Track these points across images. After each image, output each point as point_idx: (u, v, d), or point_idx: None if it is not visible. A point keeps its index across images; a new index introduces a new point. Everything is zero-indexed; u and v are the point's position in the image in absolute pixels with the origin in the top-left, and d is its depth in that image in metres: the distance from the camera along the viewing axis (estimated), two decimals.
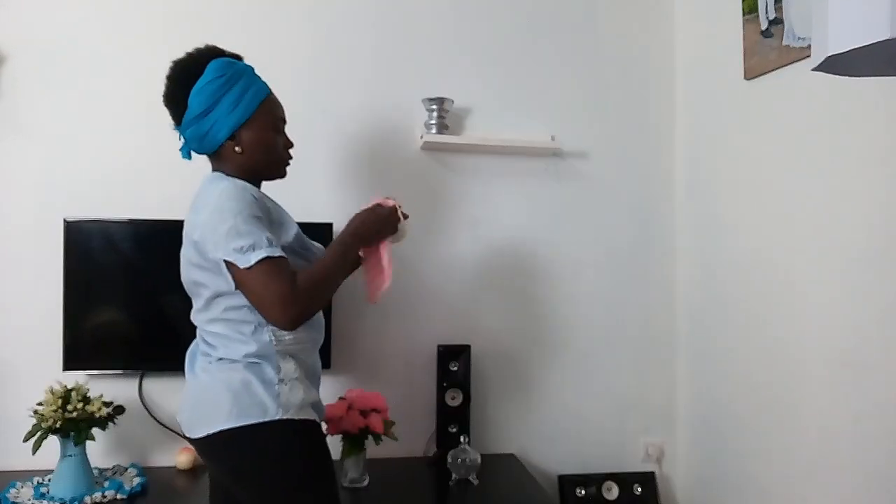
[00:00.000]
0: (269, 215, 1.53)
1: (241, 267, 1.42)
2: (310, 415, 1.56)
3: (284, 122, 1.70)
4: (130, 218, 2.27)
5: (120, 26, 2.38)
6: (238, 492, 1.56)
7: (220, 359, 1.53)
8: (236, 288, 1.47)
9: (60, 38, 2.34)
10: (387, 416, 2.24)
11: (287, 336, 1.54)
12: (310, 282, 1.49)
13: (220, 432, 1.47)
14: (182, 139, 1.63)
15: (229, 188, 1.48)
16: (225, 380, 1.50)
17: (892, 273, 1.68)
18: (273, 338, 1.52)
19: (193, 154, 1.66)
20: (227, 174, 1.59)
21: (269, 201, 1.59)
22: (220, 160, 1.62)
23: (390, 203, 1.75)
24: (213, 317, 1.55)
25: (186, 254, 1.57)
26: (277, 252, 1.45)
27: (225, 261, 1.44)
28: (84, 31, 2.36)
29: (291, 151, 1.73)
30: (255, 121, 1.60)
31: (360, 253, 1.70)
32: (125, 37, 2.38)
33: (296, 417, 1.51)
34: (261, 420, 1.46)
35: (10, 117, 2.31)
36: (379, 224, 1.71)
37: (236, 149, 1.59)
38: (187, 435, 1.56)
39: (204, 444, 1.53)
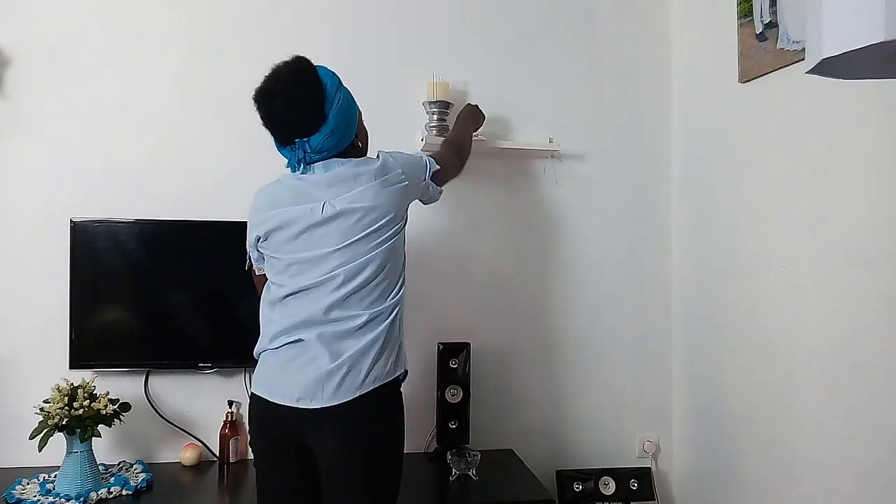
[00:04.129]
0: None
1: (440, 167, 1.90)
2: None
3: None
4: (136, 218, 2.29)
5: (125, 27, 2.39)
6: (348, 455, 1.61)
7: (367, 318, 1.65)
8: (438, 184, 1.92)
9: (65, 38, 2.36)
10: None
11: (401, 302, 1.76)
12: (460, 154, 2.13)
13: (375, 389, 1.61)
14: (299, 152, 1.68)
15: (384, 152, 1.78)
16: (379, 337, 1.65)
17: (885, 272, 1.71)
18: (401, 301, 1.73)
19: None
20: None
21: None
22: (343, 156, 1.74)
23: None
24: (373, 273, 1.66)
25: (346, 221, 1.65)
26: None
27: (433, 172, 1.88)
28: (89, 32, 2.37)
29: None
30: (360, 118, 1.83)
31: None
32: (130, 37, 2.40)
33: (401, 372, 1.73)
34: (395, 376, 1.68)
35: (15, 118, 2.32)
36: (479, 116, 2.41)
37: (359, 144, 1.81)
38: (313, 406, 1.59)
39: (338, 411, 1.59)
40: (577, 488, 2.54)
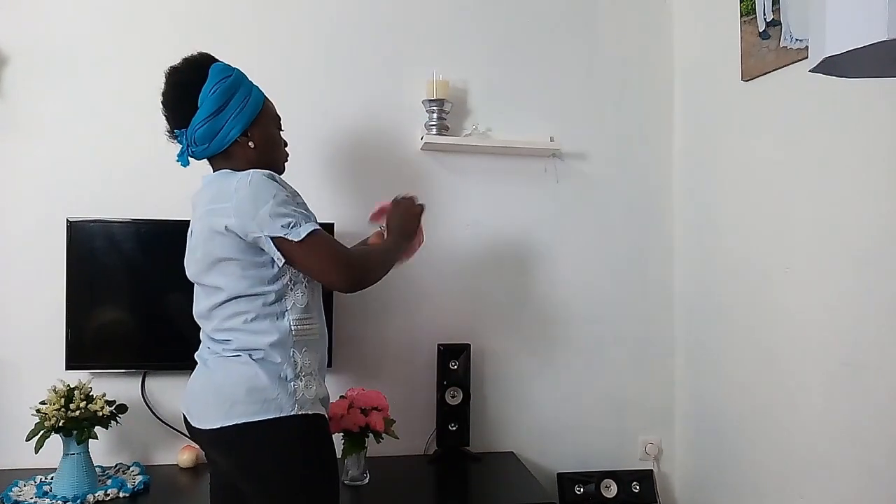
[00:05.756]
0: (295, 196, 1.58)
1: (294, 241, 1.47)
2: (319, 409, 1.59)
3: (281, 120, 1.77)
4: (133, 218, 2.27)
5: (122, 27, 2.38)
6: (244, 485, 1.57)
7: (236, 351, 1.54)
8: (285, 263, 1.52)
9: (62, 38, 2.34)
10: (387, 414, 2.25)
11: (305, 325, 1.58)
12: (363, 257, 1.65)
13: (235, 426, 1.48)
14: (183, 143, 1.63)
15: (256, 176, 1.51)
16: (241, 374, 1.52)
17: (890, 272, 1.70)
18: (293, 327, 1.56)
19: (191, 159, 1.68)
20: (237, 171, 1.60)
21: (289, 186, 1.61)
22: (229, 158, 1.64)
23: (413, 198, 1.94)
24: (236, 310, 1.55)
25: (207, 247, 1.56)
26: (318, 225, 1.53)
27: (273, 238, 1.48)
28: (86, 32, 2.36)
29: (288, 150, 1.78)
30: (262, 118, 1.66)
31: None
32: (127, 37, 2.38)
33: (309, 413, 1.54)
34: (276, 416, 1.49)
35: (12, 118, 2.31)
36: (415, 224, 1.91)
37: (250, 144, 1.63)
38: (196, 426, 1.57)
39: (214, 437, 1.53)
40: (579, 491, 2.52)
